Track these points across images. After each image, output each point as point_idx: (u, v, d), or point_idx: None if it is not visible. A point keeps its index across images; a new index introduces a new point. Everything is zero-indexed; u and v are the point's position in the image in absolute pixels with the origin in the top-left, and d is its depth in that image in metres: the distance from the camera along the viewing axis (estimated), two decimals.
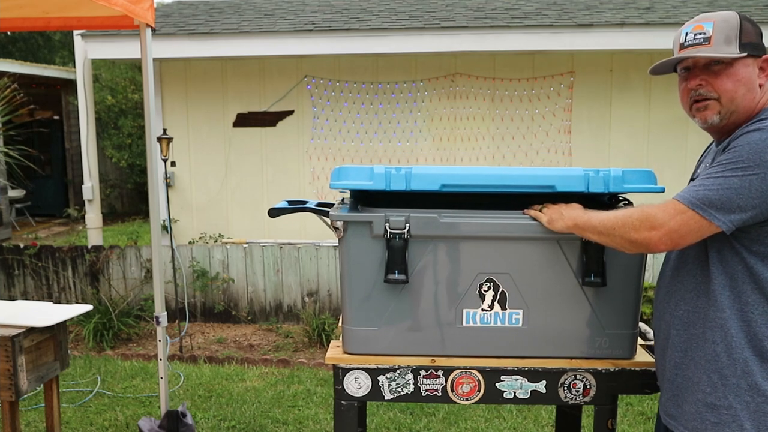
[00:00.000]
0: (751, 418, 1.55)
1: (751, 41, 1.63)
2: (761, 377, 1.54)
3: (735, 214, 1.50)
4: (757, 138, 1.51)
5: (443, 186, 1.85)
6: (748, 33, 1.63)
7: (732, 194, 1.50)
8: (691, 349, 1.65)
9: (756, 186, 1.48)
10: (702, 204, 1.52)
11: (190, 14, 6.69)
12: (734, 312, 1.57)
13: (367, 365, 1.93)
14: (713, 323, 1.60)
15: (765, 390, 1.54)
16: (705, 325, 1.62)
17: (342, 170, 1.88)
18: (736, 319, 1.57)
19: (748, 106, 1.63)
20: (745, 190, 1.49)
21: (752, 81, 1.63)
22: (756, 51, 1.63)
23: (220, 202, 6.55)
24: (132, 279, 5.85)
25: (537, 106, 6.21)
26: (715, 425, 1.59)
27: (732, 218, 1.51)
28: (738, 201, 1.49)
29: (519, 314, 1.91)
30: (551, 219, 1.81)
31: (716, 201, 1.51)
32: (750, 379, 1.55)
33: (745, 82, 1.63)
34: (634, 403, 4.11)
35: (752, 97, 1.63)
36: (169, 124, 6.30)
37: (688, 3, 6.39)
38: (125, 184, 12.39)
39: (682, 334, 1.68)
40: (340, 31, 5.86)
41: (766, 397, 1.54)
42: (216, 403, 4.21)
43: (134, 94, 10.94)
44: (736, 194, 1.49)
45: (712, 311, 1.60)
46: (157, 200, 3.40)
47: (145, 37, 3.29)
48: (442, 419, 3.94)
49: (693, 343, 1.65)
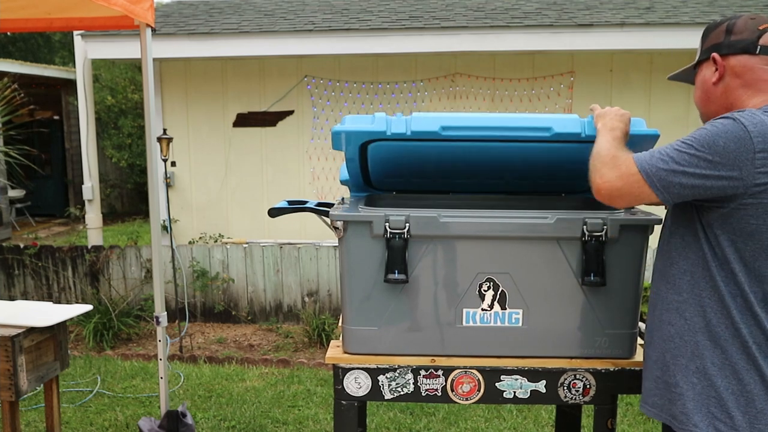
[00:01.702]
0: (694, 400, 1.60)
1: (715, 42, 1.67)
2: (710, 362, 1.58)
3: (675, 189, 1.53)
4: (719, 124, 1.52)
5: (443, 128, 1.87)
6: (707, 40, 1.70)
7: (678, 168, 1.52)
8: (653, 329, 1.73)
9: (702, 167, 1.50)
10: (650, 171, 1.55)
11: (190, 14, 6.69)
12: (692, 296, 1.61)
13: (367, 365, 1.94)
14: (670, 305, 1.66)
15: (712, 375, 1.58)
16: (663, 307, 1.68)
17: (345, 118, 1.93)
18: (692, 303, 1.61)
19: (709, 106, 1.70)
20: (691, 167, 1.51)
21: (704, 82, 1.70)
22: (707, 53, 1.68)
23: (220, 202, 6.55)
24: (132, 279, 5.85)
25: (537, 106, 6.21)
26: (666, 401, 1.66)
27: (672, 192, 1.54)
28: (681, 178, 1.52)
29: (519, 314, 1.91)
30: (599, 114, 1.83)
31: (663, 172, 1.53)
32: (699, 362, 1.60)
33: (699, 86, 1.73)
34: (634, 403, 4.11)
35: (707, 97, 1.70)
36: (169, 124, 6.30)
37: (688, 3, 6.39)
38: (125, 184, 12.40)
39: (649, 316, 1.76)
40: (340, 31, 5.86)
41: (712, 382, 1.58)
42: (216, 403, 4.21)
43: (134, 94, 10.94)
44: (682, 170, 1.52)
45: (671, 294, 1.66)
46: (157, 200, 3.40)
47: (145, 37, 3.29)
48: (442, 419, 3.94)
49: (655, 324, 1.72)
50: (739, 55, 1.63)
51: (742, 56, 1.63)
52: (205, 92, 6.46)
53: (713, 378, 1.58)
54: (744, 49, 1.62)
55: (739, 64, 1.63)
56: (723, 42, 1.65)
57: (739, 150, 1.47)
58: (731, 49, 1.64)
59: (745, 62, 1.63)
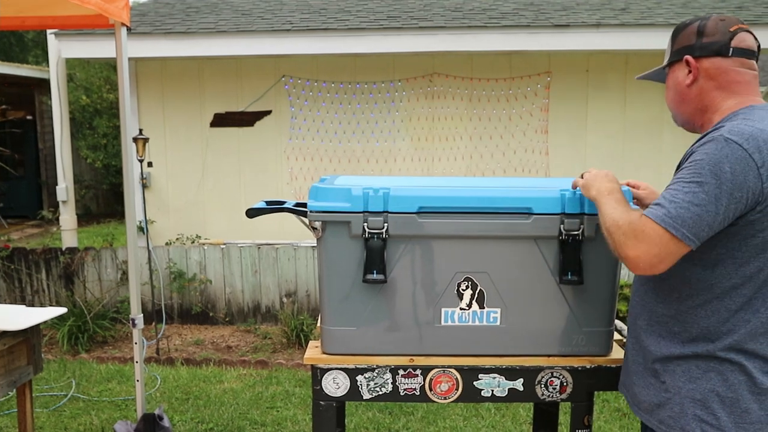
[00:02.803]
0: (681, 404, 1.63)
1: (685, 45, 1.67)
2: (695, 365, 1.61)
3: (704, 232, 1.49)
4: (713, 149, 1.49)
5: (420, 208, 1.86)
6: (679, 40, 1.69)
7: (701, 212, 1.47)
8: (638, 337, 1.77)
9: (721, 200, 1.47)
10: (677, 225, 1.48)
11: (167, 13, 6.62)
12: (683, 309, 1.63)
13: (345, 365, 1.93)
14: (660, 319, 1.69)
15: (696, 377, 1.60)
16: (654, 319, 1.71)
17: (319, 191, 1.89)
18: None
19: (683, 108, 1.71)
20: (711, 204, 1.47)
21: (677, 84, 1.70)
22: (679, 55, 1.68)
23: (197, 203, 6.50)
24: (108, 281, 5.78)
25: (514, 106, 6.25)
26: (654, 406, 1.70)
27: (701, 237, 1.49)
28: (707, 218, 1.48)
29: (497, 313, 1.92)
30: (586, 185, 1.78)
31: (689, 220, 1.48)
32: (686, 366, 1.63)
33: (671, 87, 1.73)
34: (611, 399, 4.15)
35: (681, 100, 1.70)
36: (145, 124, 6.23)
37: (662, 4, 6.47)
38: (101, 185, 12.25)
39: (633, 325, 1.81)
40: (318, 31, 5.85)
41: (697, 384, 1.60)
42: (193, 405, 4.18)
43: (109, 93, 10.82)
44: (705, 211, 1.47)
45: (660, 307, 1.69)
46: (133, 201, 3.36)
47: (120, 37, 3.25)
48: (420, 418, 3.94)
49: (640, 333, 1.77)
50: (713, 58, 1.63)
51: (716, 58, 1.63)
52: (181, 92, 6.40)
53: (699, 380, 1.60)
54: (717, 51, 1.63)
55: (712, 67, 1.64)
56: (695, 44, 1.65)
57: (745, 171, 1.46)
58: (704, 51, 1.64)
59: (718, 64, 1.63)
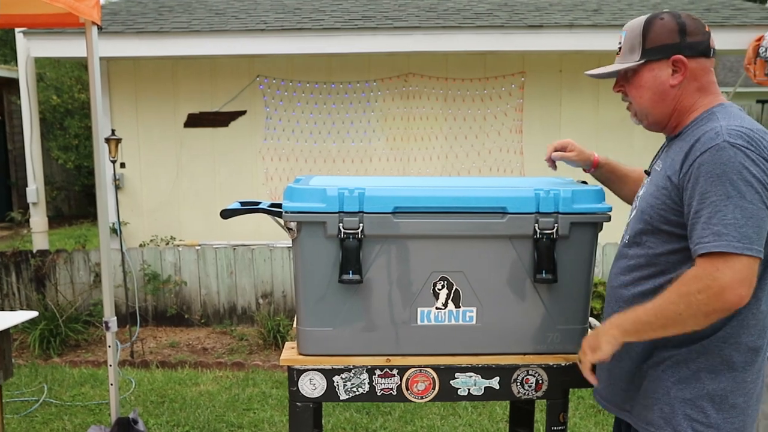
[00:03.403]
0: (670, 404, 1.65)
1: (660, 44, 1.62)
2: (685, 367, 1.64)
3: (764, 239, 1.48)
4: (725, 157, 1.48)
5: (396, 208, 1.86)
6: (655, 36, 1.63)
7: (757, 221, 1.46)
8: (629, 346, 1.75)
9: (765, 201, 1.47)
10: (746, 243, 1.45)
11: (139, 12, 6.54)
12: None
13: (321, 366, 1.93)
14: None
15: (687, 377, 1.63)
16: None
17: (294, 192, 1.88)
18: None
19: (661, 107, 1.67)
20: (763, 211, 1.47)
21: (659, 84, 1.65)
22: (663, 53, 1.62)
23: (171, 204, 6.43)
24: (80, 284, 5.69)
25: (489, 106, 6.28)
26: (642, 408, 1.73)
27: (763, 244, 1.48)
28: (764, 225, 1.48)
29: (473, 312, 1.93)
30: (593, 348, 1.68)
31: (753, 235, 1.46)
32: (677, 369, 1.65)
33: (650, 87, 1.66)
34: (586, 396, 4.20)
35: (662, 99, 1.65)
36: (117, 125, 6.15)
37: (633, 6, 6.56)
38: (72, 186, 12.05)
39: None
40: (293, 31, 5.82)
41: (687, 383, 1.63)
42: (169, 408, 4.13)
43: (81, 93, 10.65)
44: (759, 218, 1.47)
45: None
46: (106, 202, 3.32)
47: (90, 36, 3.20)
48: (398, 418, 3.95)
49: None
50: (699, 58, 1.63)
51: (701, 59, 1.63)
52: (155, 92, 6.33)
53: (689, 380, 1.62)
54: (702, 52, 1.63)
55: (699, 67, 1.63)
56: (681, 43, 1.61)
57: (764, 169, 1.48)
58: (692, 51, 1.62)
59: (703, 65, 1.64)
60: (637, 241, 1.70)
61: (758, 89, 12.51)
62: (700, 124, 1.61)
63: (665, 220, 1.62)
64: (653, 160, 1.82)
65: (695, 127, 1.62)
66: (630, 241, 1.73)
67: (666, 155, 1.70)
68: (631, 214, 1.80)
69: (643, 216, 1.68)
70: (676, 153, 1.62)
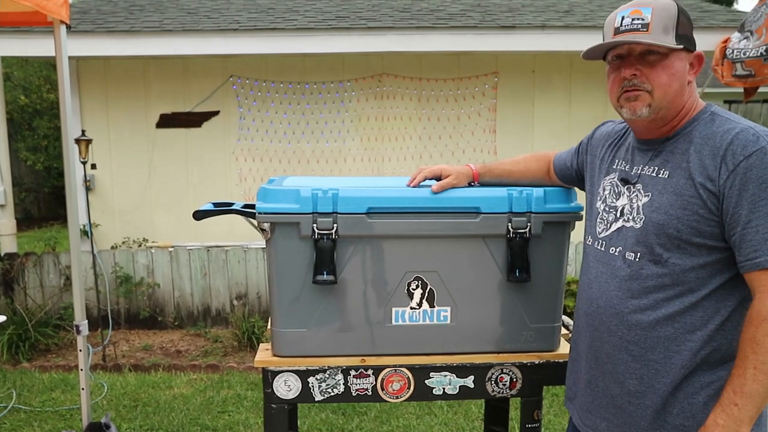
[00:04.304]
0: None
1: (686, 34, 1.51)
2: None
3: None
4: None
5: (370, 209, 1.86)
6: (684, 25, 1.51)
7: None
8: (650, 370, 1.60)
9: None
10: None
11: (109, 11, 6.45)
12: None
13: (296, 367, 1.92)
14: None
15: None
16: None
17: (268, 193, 1.87)
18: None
19: (678, 103, 1.53)
20: None
21: (684, 77, 1.52)
22: (690, 45, 1.52)
23: (144, 205, 6.35)
24: (50, 287, 5.60)
25: (463, 106, 6.32)
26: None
27: None
28: None
29: (447, 311, 1.94)
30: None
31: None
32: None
33: (679, 77, 1.51)
34: (560, 393, 4.24)
35: (682, 93, 1.53)
36: (88, 125, 6.06)
37: (604, 7, 6.64)
38: (42, 188, 11.86)
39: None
40: (266, 31, 5.79)
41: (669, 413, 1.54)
42: (142, 412, 4.08)
43: (50, 93, 10.50)
44: None
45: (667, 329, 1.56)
46: (76, 204, 3.27)
47: (59, 35, 3.15)
48: (374, 418, 3.95)
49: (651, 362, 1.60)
50: None
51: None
52: (126, 92, 6.25)
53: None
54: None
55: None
56: (691, 36, 1.53)
57: None
58: (695, 45, 1.55)
59: None
60: (656, 258, 1.51)
61: (726, 90, 12.74)
62: (708, 125, 1.50)
63: (698, 233, 1.45)
64: (627, 165, 1.65)
65: (702, 127, 1.51)
66: (637, 258, 1.54)
67: (670, 159, 1.54)
68: (613, 227, 1.62)
69: (665, 230, 1.48)
70: (694, 156, 1.48)
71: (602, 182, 1.72)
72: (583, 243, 1.76)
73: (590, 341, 1.67)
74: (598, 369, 1.64)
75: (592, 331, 1.65)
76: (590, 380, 1.68)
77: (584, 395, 1.70)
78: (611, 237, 1.62)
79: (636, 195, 1.57)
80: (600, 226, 1.67)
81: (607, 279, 1.61)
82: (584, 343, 1.70)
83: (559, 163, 1.97)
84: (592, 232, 1.70)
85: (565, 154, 1.97)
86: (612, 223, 1.62)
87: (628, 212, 1.58)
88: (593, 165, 1.81)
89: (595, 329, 1.64)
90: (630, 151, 1.67)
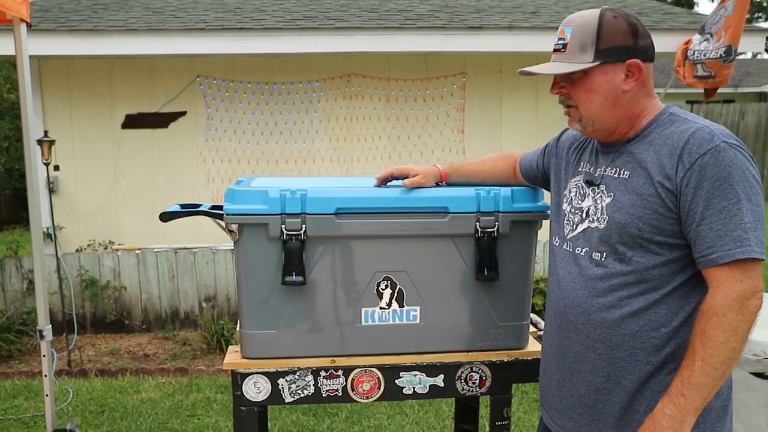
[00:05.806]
0: None
1: (614, 45, 1.50)
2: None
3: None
4: (729, 159, 1.41)
5: (338, 209, 1.85)
6: (609, 37, 1.50)
7: (763, 222, 1.41)
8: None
9: (762, 200, 1.44)
10: (761, 247, 1.40)
11: (72, 9, 6.33)
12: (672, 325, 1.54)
13: (266, 369, 1.91)
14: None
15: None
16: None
17: (236, 194, 1.85)
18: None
19: (614, 114, 1.54)
20: (764, 211, 1.43)
21: (612, 89, 1.52)
22: (618, 56, 1.51)
23: (109, 207, 6.25)
24: (12, 291, 5.48)
25: (431, 106, 6.34)
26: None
27: None
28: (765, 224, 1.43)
29: (416, 311, 1.94)
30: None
31: (762, 237, 1.41)
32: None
33: (603, 92, 1.53)
34: (529, 391, 4.29)
35: (615, 104, 1.53)
36: (50, 126, 5.94)
37: (570, 8, 6.73)
38: (3, 190, 11.60)
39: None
40: (234, 31, 5.74)
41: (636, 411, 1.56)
42: (109, 417, 4.02)
43: (11, 93, 10.26)
44: (764, 219, 1.42)
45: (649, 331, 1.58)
46: (38, 206, 3.20)
47: (19, 33, 3.08)
48: (345, 419, 3.94)
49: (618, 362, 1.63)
50: (648, 63, 1.55)
51: (649, 63, 1.55)
52: (90, 92, 6.14)
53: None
54: (651, 57, 1.55)
55: (647, 72, 1.55)
56: (634, 47, 1.52)
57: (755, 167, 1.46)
58: (645, 56, 1.53)
59: (649, 69, 1.56)
60: (620, 257, 1.52)
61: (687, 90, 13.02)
62: (667, 126, 1.52)
63: (659, 231, 1.47)
64: (591, 167, 1.66)
65: (661, 128, 1.52)
66: (603, 257, 1.55)
67: (630, 160, 1.54)
68: (579, 227, 1.63)
69: (627, 229, 1.50)
70: (653, 157, 1.49)
71: (568, 184, 1.74)
72: (550, 244, 1.78)
73: (559, 341, 1.68)
74: (566, 368, 1.66)
75: (561, 331, 1.67)
76: (560, 380, 1.69)
77: (554, 395, 1.72)
78: (577, 237, 1.63)
79: (600, 196, 1.59)
80: (567, 228, 1.68)
81: (574, 279, 1.62)
82: (553, 343, 1.72)
83: (526, 163, 1.99)
84: (560, 233, 1.72)
85: (532, 154, 1.99)
86: (578, 224, 1.64)
87: (593, 213, 1.60)
88: (558, 167, 1.83)
89: (563, 329, 1.66)
90: (594, 153, 1.69)
